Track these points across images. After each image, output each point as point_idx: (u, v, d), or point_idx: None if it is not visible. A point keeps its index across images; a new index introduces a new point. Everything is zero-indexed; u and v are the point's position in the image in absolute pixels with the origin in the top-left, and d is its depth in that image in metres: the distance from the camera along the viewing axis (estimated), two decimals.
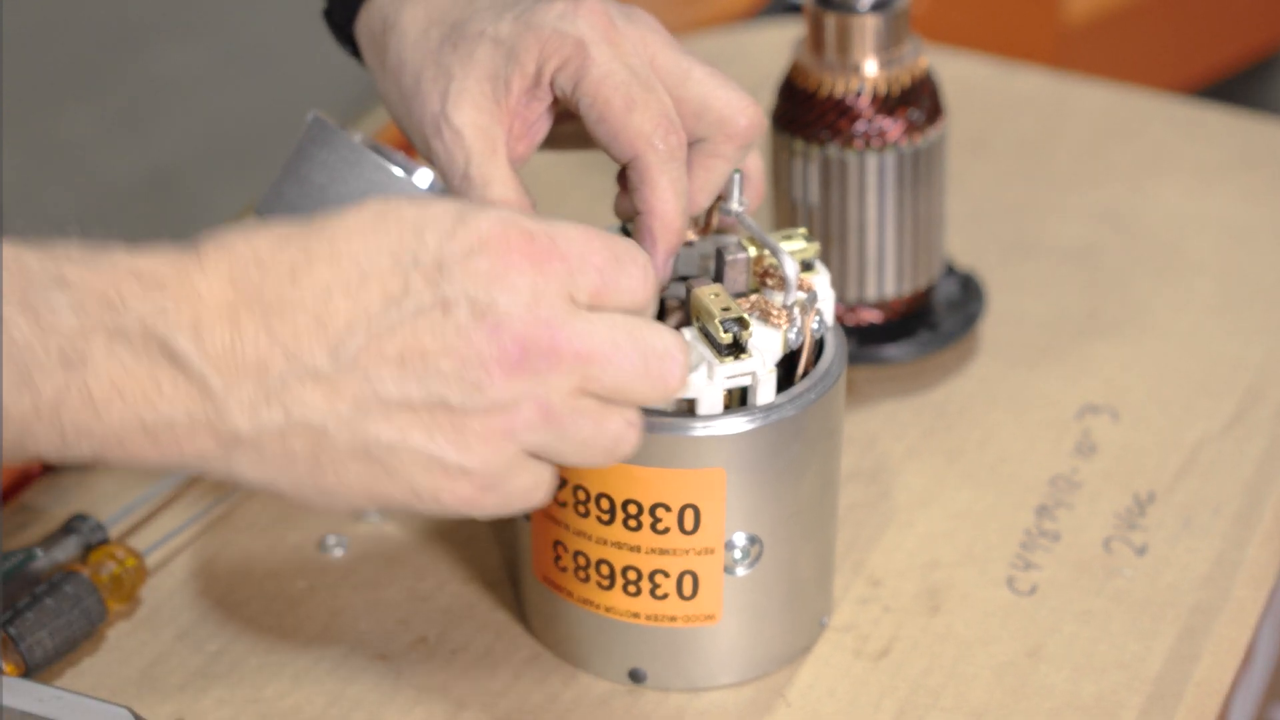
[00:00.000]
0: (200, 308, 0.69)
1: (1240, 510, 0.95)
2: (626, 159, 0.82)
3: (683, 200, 0.82)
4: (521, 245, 0.71)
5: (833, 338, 0.84)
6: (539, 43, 0.82)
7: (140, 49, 2.85)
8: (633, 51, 0.83)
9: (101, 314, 0.68)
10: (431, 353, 0.70)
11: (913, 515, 0.95)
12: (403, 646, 0.88)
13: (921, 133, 1.01)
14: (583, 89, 0.82)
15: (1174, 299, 1.10)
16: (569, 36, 0.82)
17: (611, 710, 0.85)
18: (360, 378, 0.70)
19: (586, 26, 0.82)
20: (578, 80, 0.82)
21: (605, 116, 0.82)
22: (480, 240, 0.71)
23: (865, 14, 0.99)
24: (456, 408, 0.70)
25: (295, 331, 0.69)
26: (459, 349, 0.70)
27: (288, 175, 0.87)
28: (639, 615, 0.84)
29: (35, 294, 0.68)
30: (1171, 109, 1.26)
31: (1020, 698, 0.85)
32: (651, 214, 0.82)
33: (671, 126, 0.82)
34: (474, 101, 0.82)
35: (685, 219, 0.83)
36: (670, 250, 0.82)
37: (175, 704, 0.85)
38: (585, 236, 0.73)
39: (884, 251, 1.02)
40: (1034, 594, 0.91)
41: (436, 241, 0.71)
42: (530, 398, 0.71)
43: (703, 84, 0.84)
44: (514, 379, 0.71)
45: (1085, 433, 1.00)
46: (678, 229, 0.82)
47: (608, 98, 0.81)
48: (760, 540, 0.83)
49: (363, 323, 0.70)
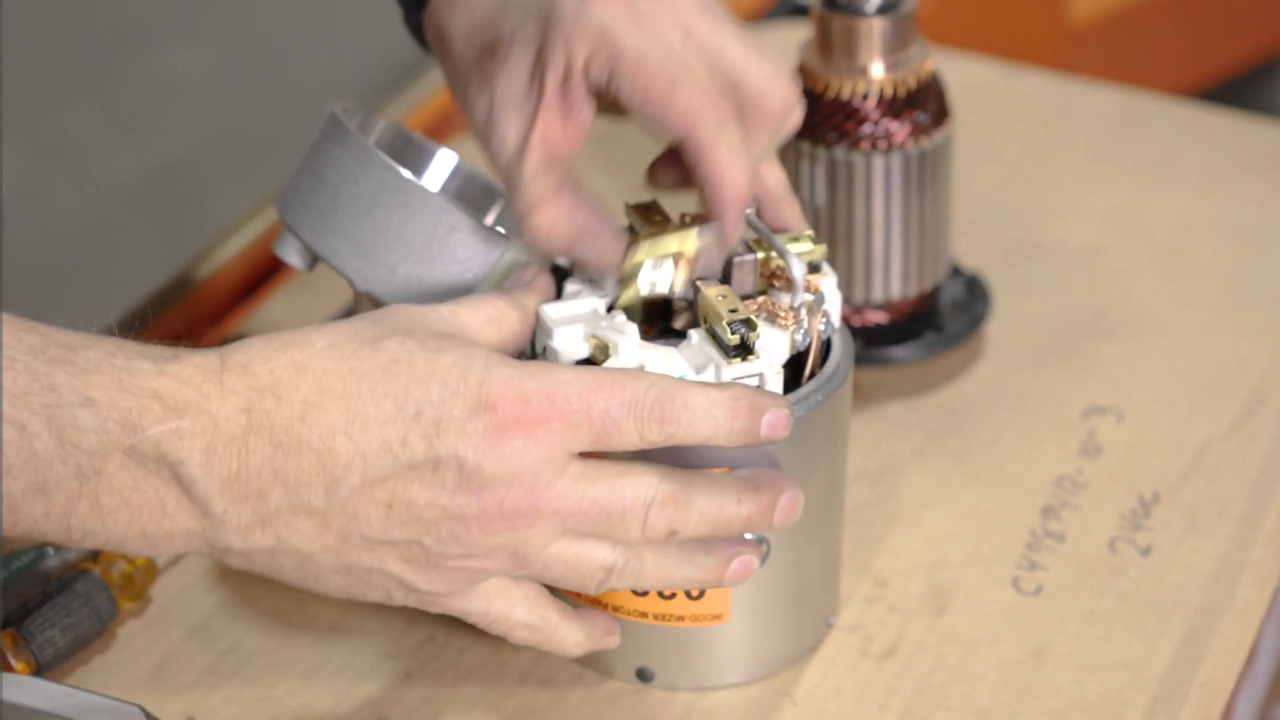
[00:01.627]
0: (215, 435, 0.73)
1: (1245, 511, 0.95)
2: (679, 137, 0.82)
3: (743, 163, 0.81)
4: (517, 412, 0.74)
5: (839, 339, 0.85)
6: (563, 39, 0.82)
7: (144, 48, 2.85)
8: (664, 28, 0.82)
9: (122, 435, 0.72)
10: (418, 504, 0.74)
11: (918, 516, 0.95)
12: (411, 646, 0.88)
13: (927, 135, 1.01)
14: (619, 77, 0.81)
15: (1179, 300, 1.10)
16: (591, 28, 0.81)
17: (618, 709, 0.85)
18: (349, 516, 0.74)
19: (606, 14, 0.81)
20: (611, 69, 0.81)
21: (648, 100, 0.81)
22: (479, 402, 0.74)
23: (872, 17, 0.99)
24: (432, 550, 0.75)
25: (298, 469, 0.73)
26: (443, 504, 0.74)
27: (303, 170, 0.87)
28: (647, 615, 0.84)
29: (62, 412, 0.71)
30: (1176, 111, 1.27)
31: (1025, 697, 0.86)
32: (715, 185, 0.82)
33: (718, 96, 0.81)
34: (516, 105, 0.83)
35: (749, 182, 0.82)
36: (737, 217, 0.82)
37: (185, 702, 0.85)
38: (590, 387, 0.75)
39: (890, 253, 1.02)
40: (1039, 594, 0.91)
41: (439, 397, 0.74)
42: (505, 549, 0.75)
43: (736, 62, 0.83)
44: (491, 535, 0.75)
45: (1090, 433, 1.00)
46: (741, 196, 0.82)
47: (646, 83, 0.81)
48: (767, 540, 0.83)
49: (359, 466, 0.73)
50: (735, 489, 0.77)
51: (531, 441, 0.74)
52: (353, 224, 0.86)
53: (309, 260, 0.89)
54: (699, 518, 0.76)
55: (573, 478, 0.75)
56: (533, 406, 0.74)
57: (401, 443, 0.73)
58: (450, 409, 0.73)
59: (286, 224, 0.88)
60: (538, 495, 0.74)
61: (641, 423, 0.75)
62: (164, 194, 2.57)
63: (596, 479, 0.75)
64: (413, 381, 0.74)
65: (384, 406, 0.74)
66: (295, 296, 1.09)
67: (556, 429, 0.74)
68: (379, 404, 0.74)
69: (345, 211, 0.86)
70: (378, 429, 0.73)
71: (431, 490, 0.74)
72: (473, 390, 0.74)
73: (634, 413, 0.75)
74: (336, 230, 0.86)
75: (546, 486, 0.74)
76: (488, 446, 0.73)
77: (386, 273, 0.86)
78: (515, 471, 0.74)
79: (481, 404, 0.74)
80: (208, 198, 2.56)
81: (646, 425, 0.75)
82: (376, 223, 0.86)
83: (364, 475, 0.73)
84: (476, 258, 0.85)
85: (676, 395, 0.75)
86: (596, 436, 0.75)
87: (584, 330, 0.82)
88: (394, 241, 0.85)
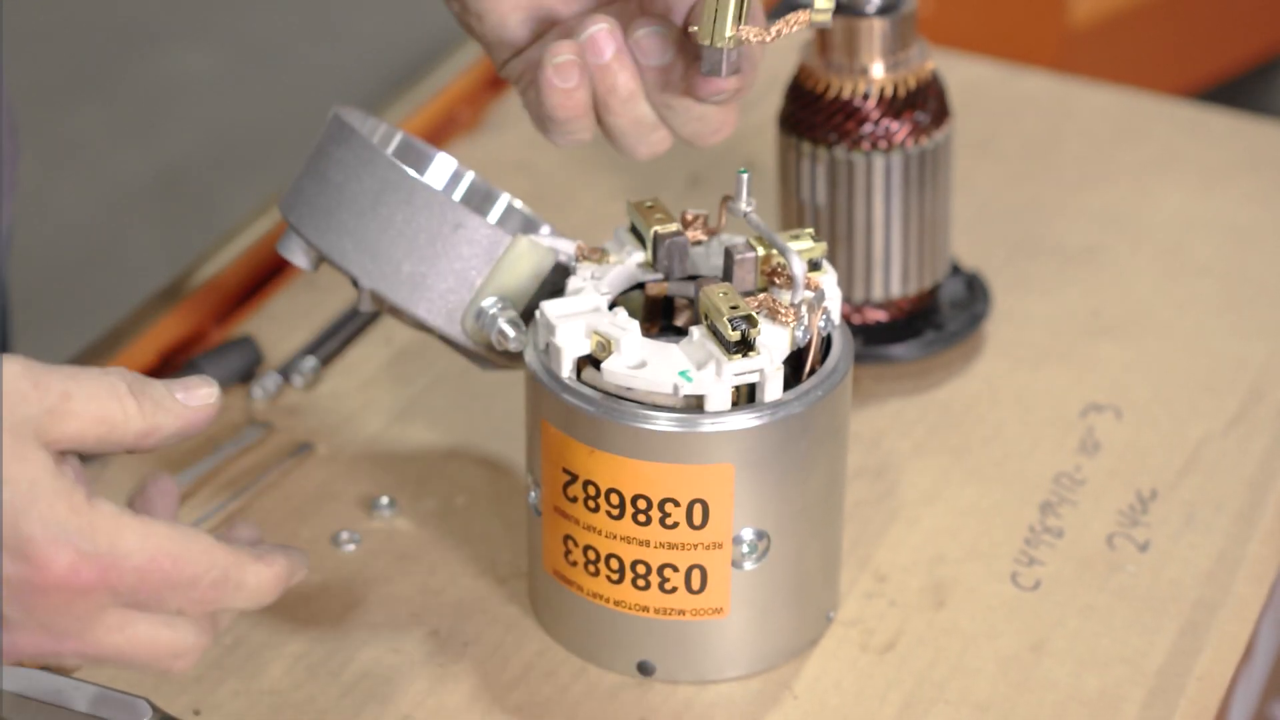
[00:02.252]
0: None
1: (1242, 507, 0.96)
2: None
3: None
4: (60, 575, 0.69)
5: (839, 335, 0.85)
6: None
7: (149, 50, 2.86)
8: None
9: None
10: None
11: (918, 511, 0.96)
12: (415, 640, 0.89)
13: (928, 134, 1.02)
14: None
15: (1177, 299, 1.11)
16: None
17: (620, 702, 0.86)
18: None
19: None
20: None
21: None
22: (21, 554, 0.69)
23: (872, 17, 1.00)
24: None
25: None
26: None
27: (307, 172, 0.88)
28: (648, 609, 0.85)
29: None
30: (1176, 111, 1.27)
31: (1024, 691, 0.87)
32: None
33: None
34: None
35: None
36: None
37: (192, 695, 0.86)
38: (148, 560, 0.71)
39: (890, 252, 1.03)
40: (1038, 589, 0.92)
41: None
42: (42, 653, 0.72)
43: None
44: (14, 657, 0.72)
45: (1089, 430, 1.01)
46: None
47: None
48: (768, 535, 0.84)
49: None
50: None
51: (68, 604, 0.70)
52: (357, 222, 0.87)
53: (314, 259, 0.90)
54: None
55: (105, 629, 0.72)
56: (81, 575, 0.70)
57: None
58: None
59: (291, 224, 0.88)
60: (62, 642, 0.71)
61: (188, 602, 0.72)
62: (169, 195, 2.58)
63: (129, 626, 0.72)
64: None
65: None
66: (300, 296, 1.10)
67: (98, 595, 0.70)
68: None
69: (349, 210, 0.87)
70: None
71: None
72: (20, 540, 0.69)
73: (185, 593, 0.72)
74: (341, 229, 0.87)
75: (77, 636, 0.71)
76: (17, 599, 0.70)
77: (391, 270, 0.86)
78: (42, 624, 0.70)
79: (23, 556, 0.69)
80: (212, 199, 2.57)
81: (191, 604, 0.73)
82: (381, 221, 0.86)
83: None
84: (480, 255, 0.86)
85: (231, 577, 0.73)
86: (139, 604, 0.72)
87: (585, 326, 0.82)
88: (398, 239, 0.86)
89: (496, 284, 0.86)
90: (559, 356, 0.83)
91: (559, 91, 0.83)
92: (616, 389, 0.82)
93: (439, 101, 1.26)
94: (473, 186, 0.96)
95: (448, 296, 0.87)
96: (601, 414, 0.82)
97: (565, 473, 0.83)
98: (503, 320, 0.86)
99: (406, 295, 0.86)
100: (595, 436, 0.82)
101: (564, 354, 0.83)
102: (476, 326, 0.87)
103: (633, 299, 0.87)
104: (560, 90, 0.83)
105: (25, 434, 0.70)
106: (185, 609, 0.73)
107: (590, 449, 0.82)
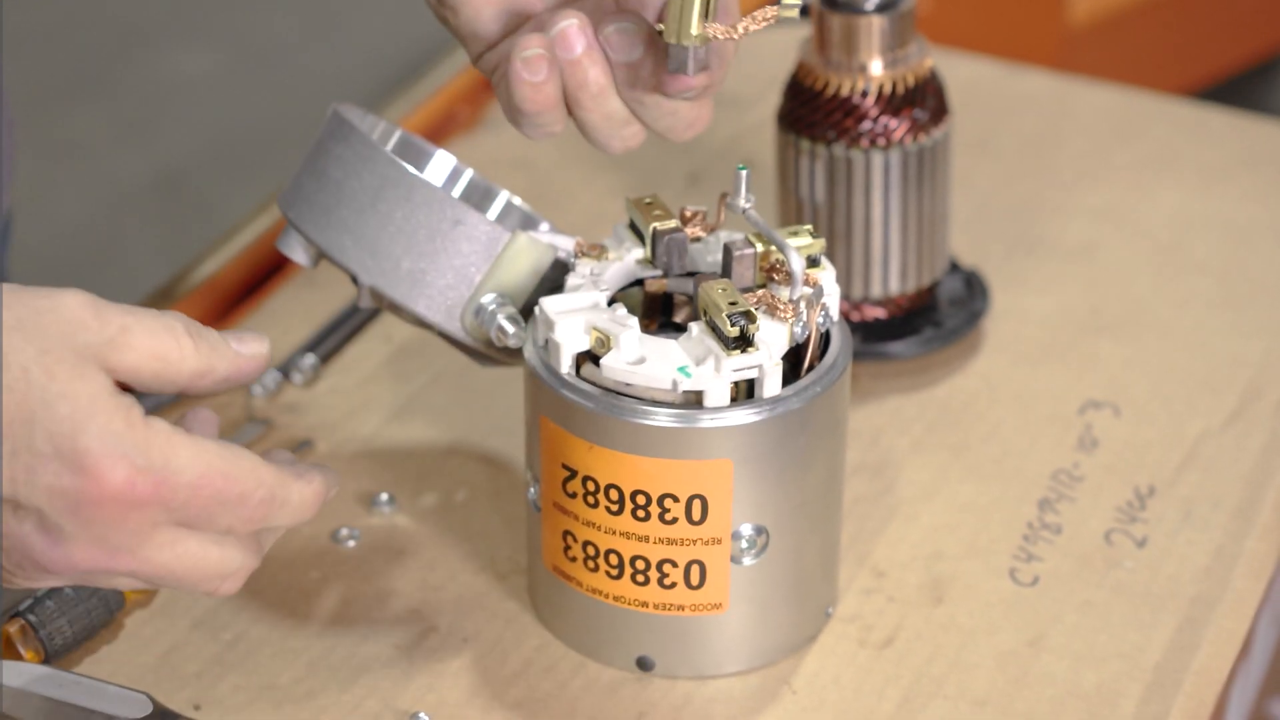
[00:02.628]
0: None
1: (1240, 504, 0.96)
2: None
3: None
4: (116, 488, 0.71)
5: (838, 332, 0.85)
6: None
7: (148, 51, 2.86)
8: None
9: None
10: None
11: (917, 508, 0.96)
12: (415, 635, 0.89)
13: (926, 132, 1.02)
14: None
15: (1175, 297, 1.11)
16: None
17: (619, 698, 0.86)
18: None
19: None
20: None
21: None
22: (78, 466, 0.71)
23: (871, 14, 1.00)
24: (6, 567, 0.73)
25: None
26: (17, 538, 0.72)
27: (307, 169, 0.88)
28: (647, 604, 0.85)
29: None
30: (1174, 110, 1.27)
31: (1022, 686, 0.87)
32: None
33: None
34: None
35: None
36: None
37: (192, 690, 0.86)
38: (200, 476, 0.73)
39: (889, 249, 1.03)
40: (1036, 585, 0.92)
41: (40, 445, 0.71)
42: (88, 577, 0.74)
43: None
44: (64, 577, 0.73)
45: (1087, 427, 1.01)
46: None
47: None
48: (767, 531, 0.84)
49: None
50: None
51: (123, 517, 0.72)
52: (356, 219, 0.87)
53: (313, 256, 0.90)
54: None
55: (156, 546, 0.73)
56: (136, 489, 0.72)
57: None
58: (47, 463, 0.71)
59: (290, 220, 0.89)
60: (115, 558, 0.73)
61: (237, 520, 0.74)
62: (168, 195, 2.58)
63: (180, 543, 0.74)
64: (18, 420, 0.71)
65: (12, 429, 0.71)
66: (300, 292, 1.10)
67: (152, 511, 0.72)
68: (10, 427, 0.71)
69: (349, 207, 0.87)
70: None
71: (7, 524, 0.72)
72: (77, 453, 0.71)
73: (234, 510, 0.74)
74: (340, 226, 0.87)
75: (129, 551, 0.73)
76: (73, 511, 0.71)
77: (390, 267, 0.87)
78: (97, 537, 0.72)
79: (80, 468, 0.71)
80: (212, 199, 2.57)
81: (240, 522, 0.74)
82: (380, 217, 0.86)
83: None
84: (480, 252, 0.86)
85: (278, 495, 0.75)
86: (189, 521, 0.73)
87: (585, 323, 0.83)
88: (398, 236, 0.86)
89: (496, 280, 0.87)
90: (558, 353, 0.83)
91: (527, 85, 0.83)
92: (615, 385, 0.82)
93: (438, 100, 1.26)
94: (472, 184, 0.96)
95: (447, 293, 0.87)
96: (601, 410, 0.82)
97: (564, 468, 0.84)
98: (502, 317, 0.86)
99: (406, 292, 0.87)
100: (594, 432, 0.82)
101: (563, 350, 0.83)
102: (476, 323, 0.87)
103: (632, 295, 0.87)
104: (528, 84, 0.83)
105: (87, 356, 0.72)
106: (234, 527, 0.74)
107: (589, 445, 0.82)
